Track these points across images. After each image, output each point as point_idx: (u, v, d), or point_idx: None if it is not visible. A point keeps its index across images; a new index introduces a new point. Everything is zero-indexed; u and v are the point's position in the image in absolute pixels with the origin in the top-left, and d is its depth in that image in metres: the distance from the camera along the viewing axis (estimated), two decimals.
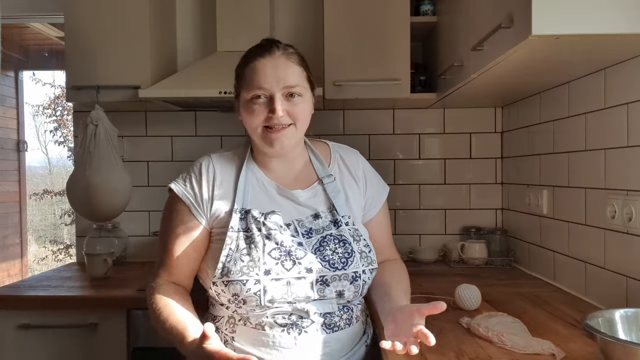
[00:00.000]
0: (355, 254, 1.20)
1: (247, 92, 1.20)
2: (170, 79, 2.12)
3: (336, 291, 1.17)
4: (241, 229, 1.19)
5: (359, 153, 1.40)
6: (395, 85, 2.08)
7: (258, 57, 1.20)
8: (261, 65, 1.19)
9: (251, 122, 1.21)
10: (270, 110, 1.18)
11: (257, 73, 1.19)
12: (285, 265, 1.15)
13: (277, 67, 1.19)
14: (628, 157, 1.40)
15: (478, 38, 1.47)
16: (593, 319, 1.02)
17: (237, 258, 1.15)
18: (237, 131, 2.47)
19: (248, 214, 1.20)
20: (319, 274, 1.16)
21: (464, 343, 1.21)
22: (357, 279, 1.19)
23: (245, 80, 1.21)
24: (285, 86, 1.19)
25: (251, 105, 1.20)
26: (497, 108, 2.45)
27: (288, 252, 1.16)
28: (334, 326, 1.19)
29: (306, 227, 1.22)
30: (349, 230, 1.23)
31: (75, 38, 2.15)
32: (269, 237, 1.17)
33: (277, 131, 1.19)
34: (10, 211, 4.85)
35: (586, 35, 1.16)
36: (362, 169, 1.36)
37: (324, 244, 1.20)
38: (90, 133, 2.07)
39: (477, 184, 2.47)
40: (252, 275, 1.13)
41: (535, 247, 2.04)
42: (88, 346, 1.82)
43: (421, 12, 2.21)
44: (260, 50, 1.22)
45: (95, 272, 2.04)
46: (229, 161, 1.29)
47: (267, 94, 1.19)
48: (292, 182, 1.28)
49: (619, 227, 1.43)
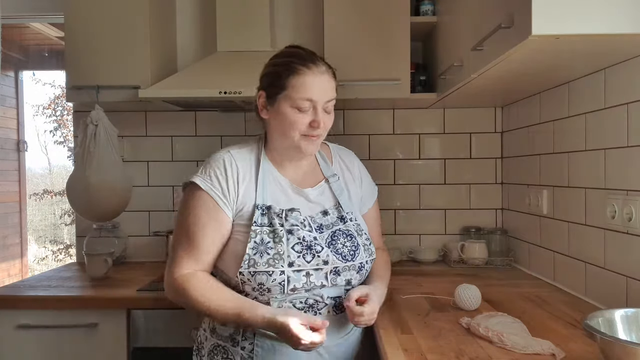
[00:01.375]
0: (360, 247, 1.33)
1: (293, 101, 1.27)
2: (170, 79, 2.12)
3: (345, 280, 1.30)
4: (265, 224, 1.27)
5: (353, 153, 1.52)
6: (395, 85, 2.08)
7: (305, 68, 1.27)
8: (310, 78, 1.26)
9: (291, 128, 1.28)
10: (313, 121, 1.27)
11: (307, 85, 1.26)
12: (306, 258, 1.25)
13: (324, 81, 1.28)
14: (628, 157, 1.40)
15: (478, 38, 1.47)
16: (593, 319, 1.02)
17: (262, 251, 1.24)
18: (237, 131, 2.48)
19: (270, 210, 1.29)
20: (332, 265, 1.28)
21: (464, 343, 1.21)
22: (362, 269, 1.33)
23: (292, 89, 1.26)
24: (328, 100, 1.29)
25: (294, 114, 1.27)
26: (497, 108, 2.45)
27: (309, 247, 1.27)
28: (341, 308, 1.31)
29: (317, 223, 1.32)
30: (354, 226, 1.36)
31: (75, 38, 2.15)
32: (291, 232, 1.27)
33: (314, 139, 1.30)
34: (10, 211, 4.84)
35: (586, 35, 1.16)
36: (357, 168, 1.48)
37: (335, 238, 1.31)
38: (90, 133, 2.07)
39: (477, 184, 2.47)
40: (278, 267, 1.23)
41: (535, 247, 2.04)
42: (88, 346, 1.82)
43: (421, 12, 2.21)
44: (305, 61, 1.28)
45: (95, 272, 2.04)
46: (247, 157, 1.35)
47: (312, 105, 1.27)
48: (301, 181, 1.37)
49: (619, 227, 1.43)
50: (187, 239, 1.28)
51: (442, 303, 1.58)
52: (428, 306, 1.56)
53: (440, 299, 1.63)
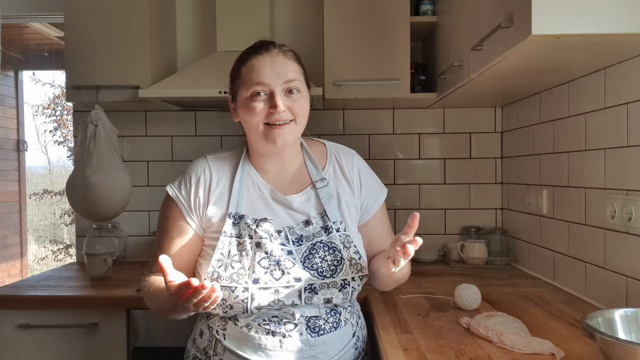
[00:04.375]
0: (345, 262, 1.21)
1: (246, 90, 1.19)
2: (170, 79, 2.12)
3: (324, 298, 1.19)
4: (234, 235, 1.20)
5: (356, 153, 1.37)
6: (395, 85, 2.08)
7: (255, 54, 1.20)
8: (259, 62, 1.19)
9: (251, 119, 1.19)
10: (271, 106, 1.17)
11: (256, 70, 1.18)
12: (274, 274, 1.16)
13: (276, 63, 1.18)
14: (628, 157, 1.40)
15: (478, 38, 1.47)
16: (593, 319, 1.02)
17: (227, 264, 1.17)
18: (237, 131, 2.43)
19: (242, 220, 1.20)
20: (307, 282, 1.17)
21: (464, 343, 1.21)
22: (346, 287, 1.20)
23: (244, 79, 1.21)
24: (285, 81, 1.18)
25: (250, 102, 1.18)
26: (497, 108, 2.45)
27: (277, 262, 1.17)
28: (319, 330, 1.20)
29: (297, 235, 1.22)
30: (340, 237, 1.23)
31: (75, 38, 2.15)
32: (259, 246, 1.17)
33: (279, 127, 1.18)
34: (10, 211, 4.85)
35: (586, 35, 1.16)
36: (357, 170, 1.33)
37: (314, 251, 1.20)
38: (90, 133, 2.07)
39: (477, 183, 2.47)
40: (241, 282, 1.14)
41: (535, 247, 2.04)
42: (88, 346, 1.82)
43: (421, 12, 2.21)
44: (256, 49, 1.22)
45: (95, 272, 2.04)
46: (225, 163, 1.28)
47: (267, 90, 1.18)
48: (286, 185, 1.27)
49: (618, 227, 1.43)
50: (157, 247, 1.25)
51: (442, 303, 1.58)
52: (428, 306, 1.56)
53: (440, 298, 1.63)
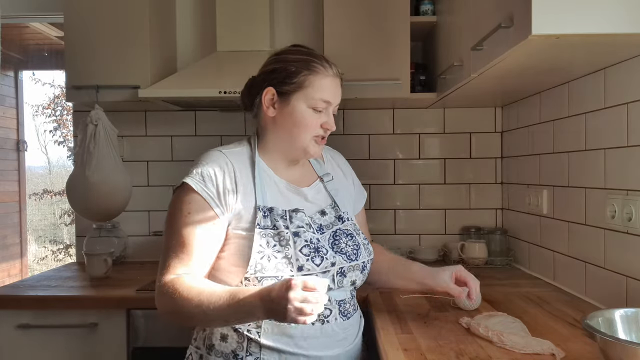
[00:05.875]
0: (361, 246, 1.30)
1: (307, 101, 1.24)
2: (170, 79, 2.12)
3: (351, 281, 1.27)
4: (268, 226, 1.21)
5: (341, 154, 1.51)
6: (395, 85, 2.08)
7: (324, 70, 1.25)
8: (328, 82, 1.25)
9: (304, 128, 1.25)
10: (325, 123, 1.27)
11: (325, 89, 1.25)
12: (315, 261, 1.20)
13: (337, 86, 1.28)
14: (628, 157, 1.40)
15: (478, 38, 1.46)
16: (593, 319, 1.02)
17: (269, 255, 1.18)
18: (237, 131, 2.47)
19: (271, 212, 1.22)
20: (339, 266, 1.24)
21: (464, 343, 1.21)
22: (365, 268, 1.30)
23: (305, 88, 1.24)
24: (338, 104, 1.30)
25: (310, 112, 1.25)
26: (497, 108, 2.45)
27: (316, 249, 1.22)
28: (347, 313, 1.27)
29: (317, 224, 1.27)
30: (351, 225, 1.33)
31: (74, 38, 2.15)
32: (297, 235, 1.21)
33: (322, 141, 1.29)
34: (10, 211, 4.84)
35: (586, 35, 1.16)
36: (349, 169, 1.47)
37: (337, 237, 1.27)
38: (90, 133, 2.07)
39: (477, 183, 2.47)
40: (286, 271, 1.17)
41: (535, 247, 2.04)
42: (88, 346, 1.82)
43: (421, 12, 2.21)
44: (322, 63, 1.26)
45: (95, 272, 2.04)
46: (240, 157, 1.28)
47: (327, 107, 1.27)
48: (297, 180, 1.32)
49: (618, 227, 1.43)
50: (179, 244, 1.18)
51: (442, 303, 1.58)
52: (428, 306, 1.56)
53: (440, 298, 1.63)
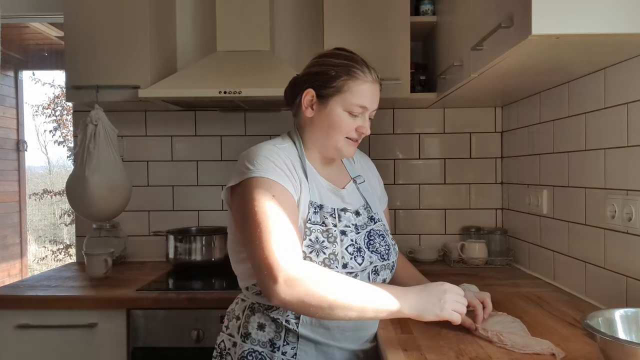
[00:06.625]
0: (391, 247, 1.35)
1: (344, 104, 1.27)
2: (170, 79, 2.12)
3: (382, 279, 1.32)
4: (317, 222, 1.24)
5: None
6: (395, 85, 2.08)
7: (364, 75, 1.28)
8: (367, 88, 1.29)
9: (338, 130, 1.28)
10: (360, 127, 1.30)
11: (363, 94, 1.28)
12: (357, 260, 1.24)
13: (375, 92, 1.32)
14: (628, 157, 1.40)
15: (478, 38, 1.46)
16: (593, 319, 1.02)
17: (318, 250, 1.20)
18: (237, 131, 2.48)
19: (321, 209, 1.26)
20: (374, 265, 1.28)
21: (464, 343, 1.21)
22: (393, 268, 1.36)
23: (344, 92, 1.27)
24: (374, 109, 1.33)
25: (346, 116, 1.28)
26: (497, 108, 2.45)
27: (359, 249, 1.25)
28: None
29: (353, 223, 1.30)
30: (382, 226, 1.37)
31: (74, 38, 2.15)
32: (344, 234, 1.25)
33: (355, 143, 1.32)
34: (10, 211, 4.84)
35: (586, 35, 1.16)
36: (376, 170, 1.53)
37: (371, 237, 1.31)
38: (90, 133, 2.07)
39: (477, 183, 2.47)
40: (333, 268, 1.19)
41: (535, 246, 2.04)
42: (88, 346, 1.82)
43: (421, 12, 2.21)
44: (364, 67, 1.30)
45: (95, 272, 2.04)
46: (290, 154, 1.28)
47: (362, 113, 1.29)
48: (333, 181, 1.36)
49: (618, 227, 1.43)
50: (280, 230, 1.12)
51: None
52: None
53: None
